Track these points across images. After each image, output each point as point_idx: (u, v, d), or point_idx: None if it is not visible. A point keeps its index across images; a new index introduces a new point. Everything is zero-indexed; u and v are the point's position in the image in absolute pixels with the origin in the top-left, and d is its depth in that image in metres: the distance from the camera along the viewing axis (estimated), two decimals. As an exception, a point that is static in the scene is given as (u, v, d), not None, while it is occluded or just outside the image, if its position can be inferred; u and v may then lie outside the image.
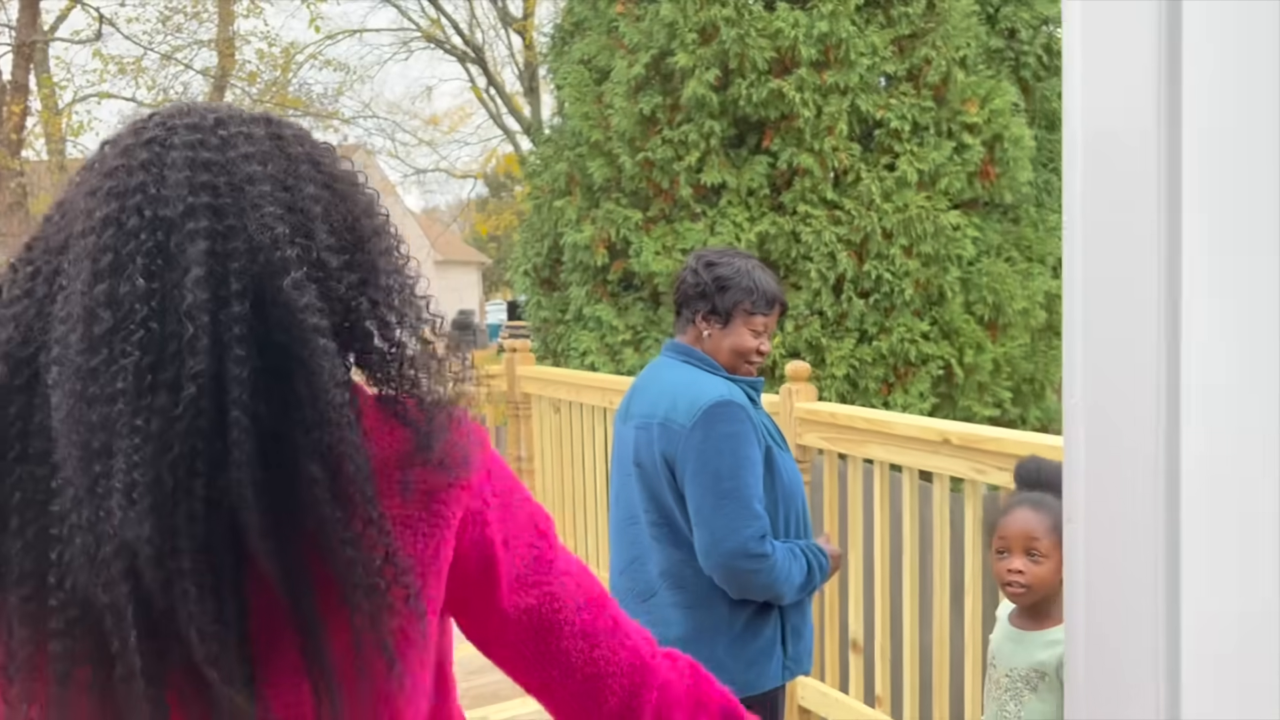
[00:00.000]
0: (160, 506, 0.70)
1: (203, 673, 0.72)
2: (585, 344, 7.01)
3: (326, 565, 0.75)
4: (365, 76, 23.54)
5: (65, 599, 0.71)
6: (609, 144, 7.00)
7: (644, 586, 2.11)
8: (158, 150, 0.80)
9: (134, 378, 0.72)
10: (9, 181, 9.83)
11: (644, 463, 2.09)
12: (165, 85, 13.77)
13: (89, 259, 0.76)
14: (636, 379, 2.26)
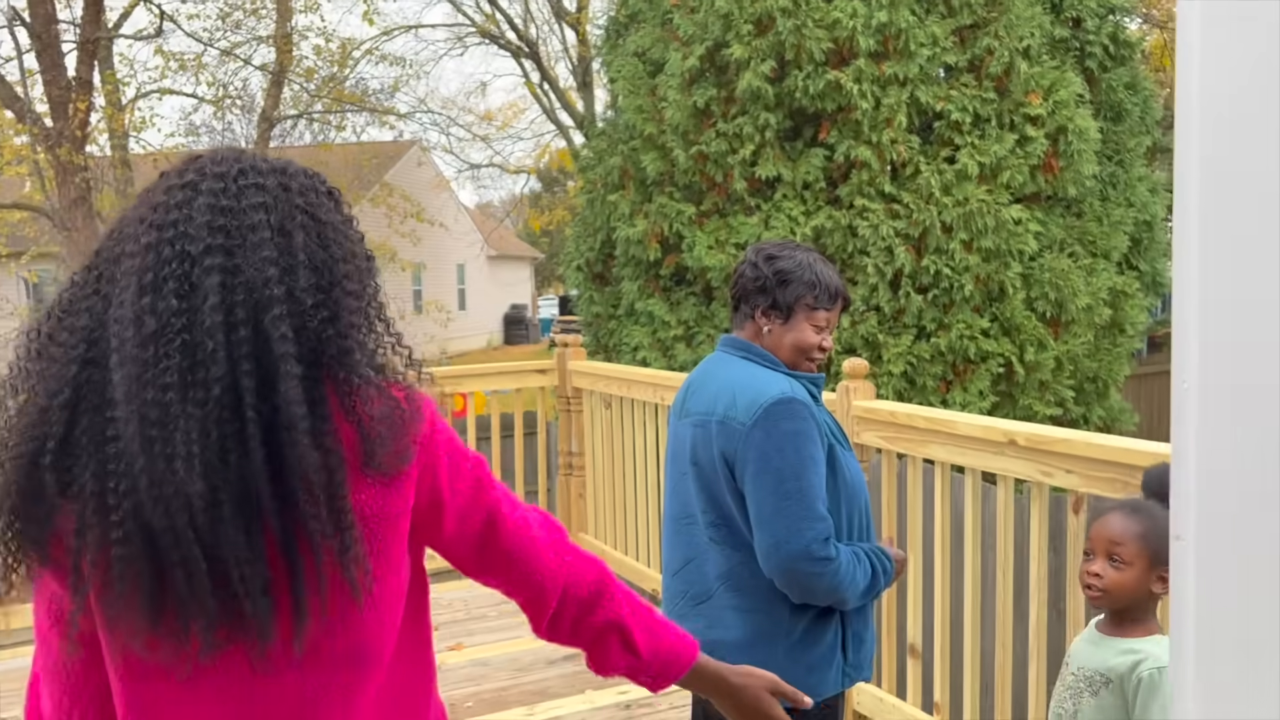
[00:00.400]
0: (210, 472, 1.00)
1: (234, 584, 1.01)
2: (637, 339, 6.96)
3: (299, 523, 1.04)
4: (421, 72, 23.71)
5: (124, 517, 1.00)
6: (662, 137, 6.94)
7: (700, 589, 2.05)
8: (190, 194, 1.06)
9: (178, 376, 1.01)
10: (74, 176, 10.03)
11: (701, 461, 2.03)
12: (225, 81, 13.98)
13: (135, 275, 1.04)
14: (691, 375, 2.19)
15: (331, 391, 1.08)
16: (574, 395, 5.39)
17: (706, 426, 2.02)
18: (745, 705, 1.41)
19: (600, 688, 3.86)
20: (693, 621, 2.02)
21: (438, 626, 4.55)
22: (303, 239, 1.09)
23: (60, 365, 1.04)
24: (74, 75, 10.07)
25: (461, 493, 1.21)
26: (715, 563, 2.02)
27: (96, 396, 1.03)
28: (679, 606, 2.09)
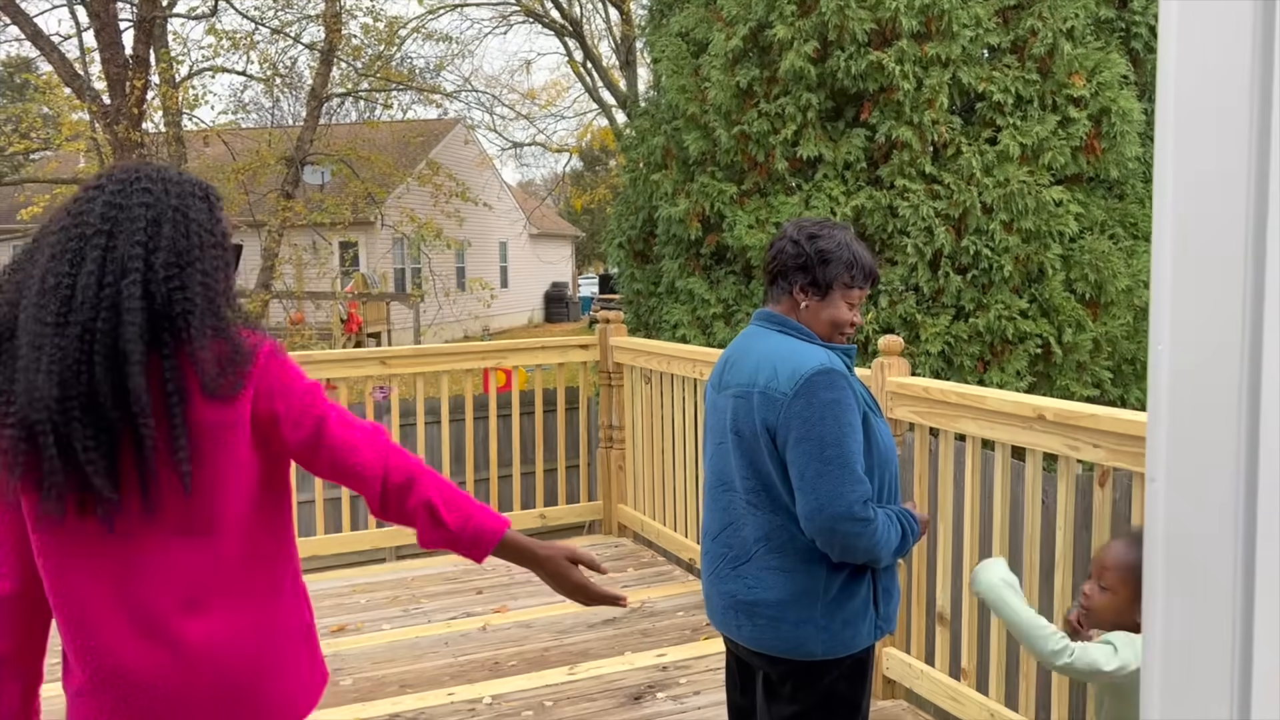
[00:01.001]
0: (64, 384, 1.44)
1: (82, 465, 1.46)
2: (677, 316, 7.07)
3: (135, 428, 1.48)
4: (466, 51, 23.83)
5: (13, 413, 1.45)
6: (705, 117, 7.01)
7: (739, 551, 2.15)
8: (96, 193, 1.54)
9: (54, 316, 1.46)
10: (130, 153, 10.28)
11: (743, 431, 2.11)
12: (274, 59, 14.20)
13: (49, 248, 1.52)
14: (729, 349, 2.28)
15: (185, 339, 1.51)
16: (615, 371, 5.53)
17: (748, 397, 2.11)
18: (552, 573, 1.80)
19: (638, 649, 4.01)
20: (734, 583, 2.13)
21: (482, 590, 4.73)
22: (169, 230, 1.54)
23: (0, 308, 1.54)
24: (131, 53, 10.31)
25: (293, 408, 1.61)
26: (754, 527, 2.12)
27: (11, 330, 1.50)
28: (720, 569, 2.18)
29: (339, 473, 1.66)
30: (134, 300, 1.48)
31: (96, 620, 1.54)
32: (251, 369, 1.57)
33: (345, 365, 5.16)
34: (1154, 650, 0.78)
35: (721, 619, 2.20)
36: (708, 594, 2.23)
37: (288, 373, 1.63)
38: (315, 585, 4.87)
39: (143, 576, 1.55)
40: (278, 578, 1.69)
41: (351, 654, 4.03)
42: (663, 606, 4.48)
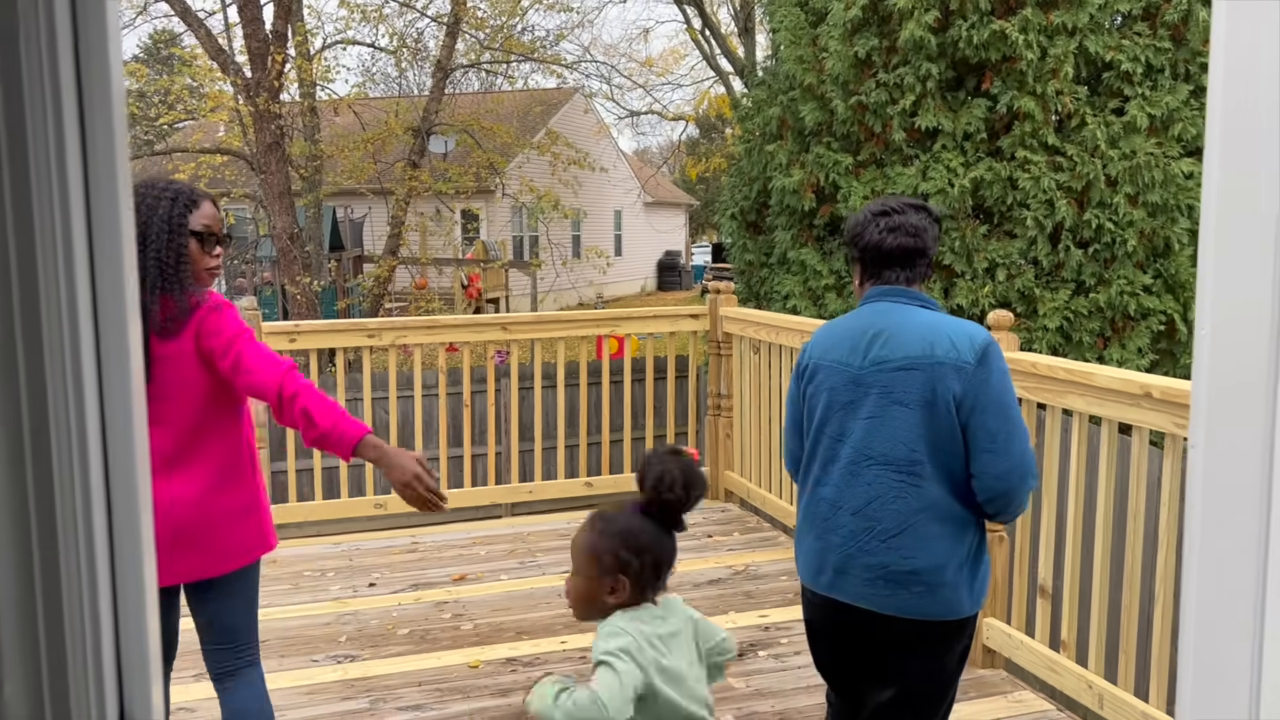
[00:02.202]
0: None
1: None
2: (788, 287, 7.12)
3: None
4: (586, 21, 24.05)
5: None
6: (822, 87, 7.01)
7: (891, 524, 2.15)
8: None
9: None
10: (269, 124, 10.83)
11: (909, 402, 2.14)
12: (401, 31, 14.65)
13: None
14: (862, 322, 2.25)
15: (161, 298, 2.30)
16: (724, 340, 5.64)
17: (924, 368, 2.13)
18: (395, 472, 2.34)
19: (742, 610, 4.15)
20: (885, 555, 2.15)
21: (593, 547, 4.94)
22: (139, 222, 2.29)
23: None
24: (271, 29, 10.81)
25: (220, 346, 2.32)
26: (915, 498, 2.14)
27: None
28: (864, 542, 2.17)
29: (250, 389, 2.36)
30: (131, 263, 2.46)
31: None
32: (190, 318, 2.33)
33: (468, 330, 5.41)
34: (1190, 581, 0.88)
35: (864, 591, 2.18)
36: (841, 567, 2.20)
37: (221, 321, 2.36)
38: (438, 537, 5.17)
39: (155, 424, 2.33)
40: (225, 462, 2.42)
41: (471, 601, 4.29)
42: (766, 570, 4.61)
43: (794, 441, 2.38)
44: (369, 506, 5.35)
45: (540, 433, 5.60)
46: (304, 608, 4.25)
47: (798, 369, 2.36)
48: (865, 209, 2.34)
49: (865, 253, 2.29)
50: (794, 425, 2.38)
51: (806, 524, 2.30)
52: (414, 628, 4.02)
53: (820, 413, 2.26)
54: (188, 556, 2.36)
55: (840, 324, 2.31)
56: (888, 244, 2.25)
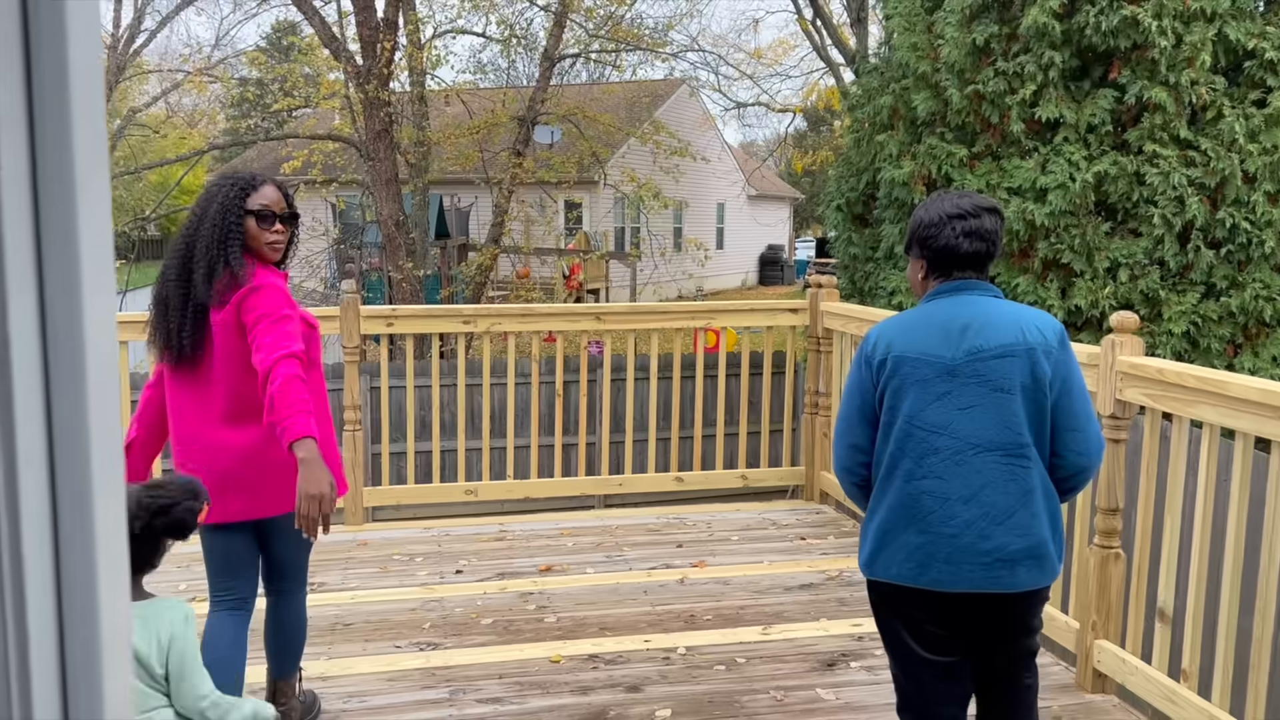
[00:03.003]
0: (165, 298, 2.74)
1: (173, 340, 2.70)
2: (894, 283, 6.88)
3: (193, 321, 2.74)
4: (695, 11, 23.86)
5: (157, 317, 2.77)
6: (937, 76, 6.73)
7: (1001, 508, 2.21)
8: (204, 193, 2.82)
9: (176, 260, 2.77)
10: (379, 111, 11.00)
11: (1011, 388, 2.21)
12: (511, 21, 14.74)
13: None
14: (947, 314, 2.25)
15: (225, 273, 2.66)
16: (824, 336, 5.46)
17: (1021, 355, 2.21)
18: (314, 479, 2.46)
19: (834, 617, 3.99)
20: (1000, 537, 2.20)
21: (682, 544, 4.84)
22: (200, 211, 2.73)
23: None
24: (382, 16, 10.97)
25: (249, 321, 2.61)
26: (1023, 480, 2.22)
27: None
28: (981, 528, 2.20)
29: (256, 365, 2.60)
30: (173, 255, 2.75)
31: (175, 426, 2.75)
32: (234, 294, 2.63)
33: (563, 319, 5.36)
34: None
35: (982, 576, 2.21)
36: (954, 558, 2.21)
37: (255, 300, 2.63)
38: (526, 526, 5.14)
39: (191, 403, 2.72)
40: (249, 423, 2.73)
41: (557, 593, 4.23)
42: (861, 578, 4.42)
43: (861, 434, 2.34)
44: (460, 493, 5.35)
45: (632, 424, 5.51)
46: (391, 592, 4.25)
47: (869, 362, 2.31)
48: (936, 207, 2.33)
49: (938, 254, 2.30)
50: (862, 418, 2.33)
51: (903, 520, 2.25)
52: (498, 618, 3.97)
53: (909, 405, 2.24)
54: (238, 498, 2.67)
55: (919, 316, 2.29)
56: (964, 249, 2.28)
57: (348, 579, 4.40)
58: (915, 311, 2.31)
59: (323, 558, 4.54)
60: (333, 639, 3.77)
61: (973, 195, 2.37)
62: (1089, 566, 3.37)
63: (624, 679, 3.45)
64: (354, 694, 3.34)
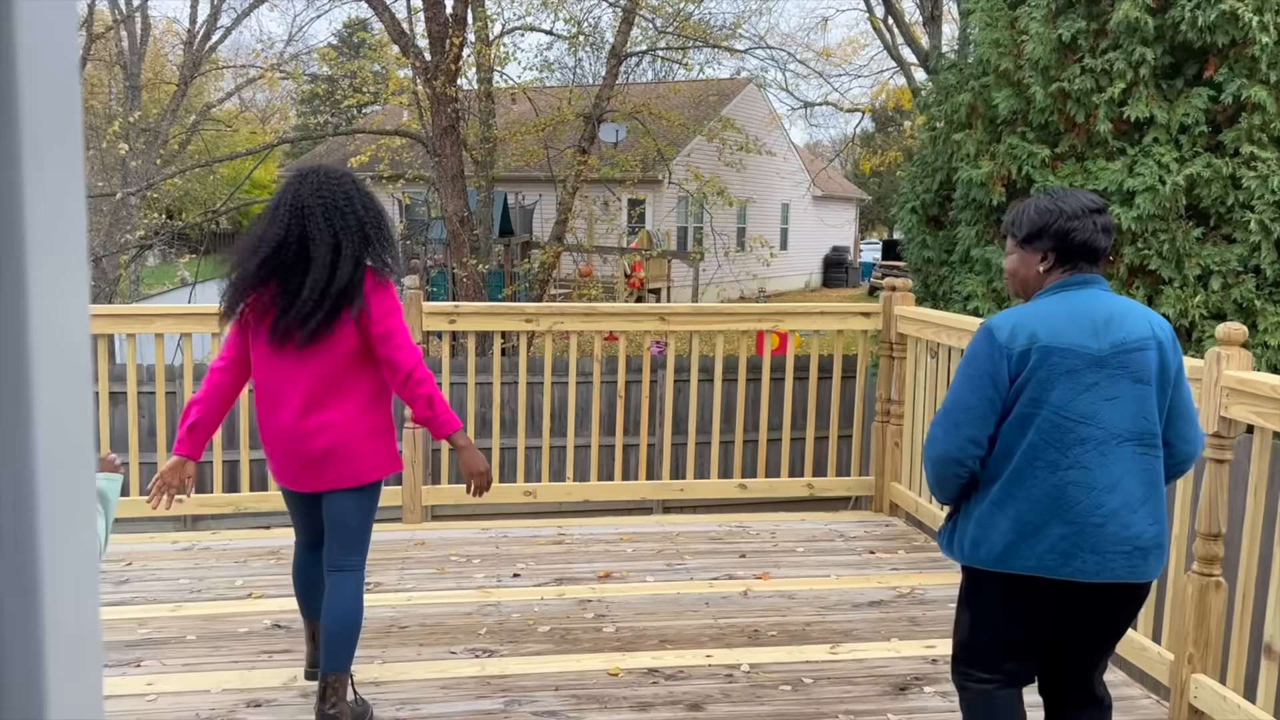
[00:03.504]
0: (293, 285, 2.86)
1: (293, 323, 2.82)
2: (970, 287, 6.62)
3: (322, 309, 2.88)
4: (764, 9, 23.58)
5: (234, 295, 2.93)
6: (1019, 73, 6.47)
7: (1133, 497, 2.27)
8: (299, 181, 2.92)
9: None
10: (446, 107, 10.98)
11: (1152, 379, 2.29)
12: (579, 18, 14.66)
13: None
14: (1093, 307, 2.30)
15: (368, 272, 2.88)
16: (898, 341, 5.26)
17: (1155, 348, 2.30)
18: (476, 459, 3.05)
19: (906, 638, 3.80)
20: (1135, 527, 2.26)
21: (745, 554, 4.68)
22: (346, 201, 2.88)
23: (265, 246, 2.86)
24: (451, 12, 10.95)
25: (378, 313, 2.85)
26: (1153, 470, 2.29)
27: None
28: (1124, 517, 2.25)
29: (389, 360, 2.89)
30: (321, 245, 2.89)
31: (269, 398, 2.92)
32: (367, 287, 2.88)
33: (626, 319, 5.23)
34: None
35: (1124, 565, 2.26)
36: (1099, 547, 2.24)
37: (385, 295, 2.90)
38: (585, 529, 5.02)
39: (289, 385, 2.89)
40: (366, 397, 2.93)
41: (615, 601, 4.10)
42: (935, 595, 4.23)
43: (985, 426, 2.29)
44: (519, 493, 5.25)
45: (694, 427, 5.35)
46: (447, 594, 4.16)
47: (1006, 352, 2.27)
48: (1075, 201, 2.34)
49: (1077, 248, 2.32)
50: (991, 409, 2.28)
51: (1048, 511, 2.24)
52: (555, 625, 3.86)
53: (1057, 395, 2.24)
54: (334, 470, 2.90)
55: (1058, 307, 2.30)
56: (1101, 244, 2.33)
57: (404, 579, 4.32)
58: (1050, 303, 2.30)
59: (379, 557, 4.47)
60: (387, 642, 3.68)
61: (1082, 193, 2.38)
62: (1186, 594, 3.14)
63: (685, 696, 3.31)
64: (407, 701, 3.24)
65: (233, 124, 23.37)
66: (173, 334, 4.98)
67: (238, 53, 24.60)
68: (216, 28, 18.45)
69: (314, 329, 2.80)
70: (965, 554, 2.34)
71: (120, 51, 18.32)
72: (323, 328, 2.80)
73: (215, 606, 4.00)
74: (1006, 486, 2.27)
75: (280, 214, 2.83)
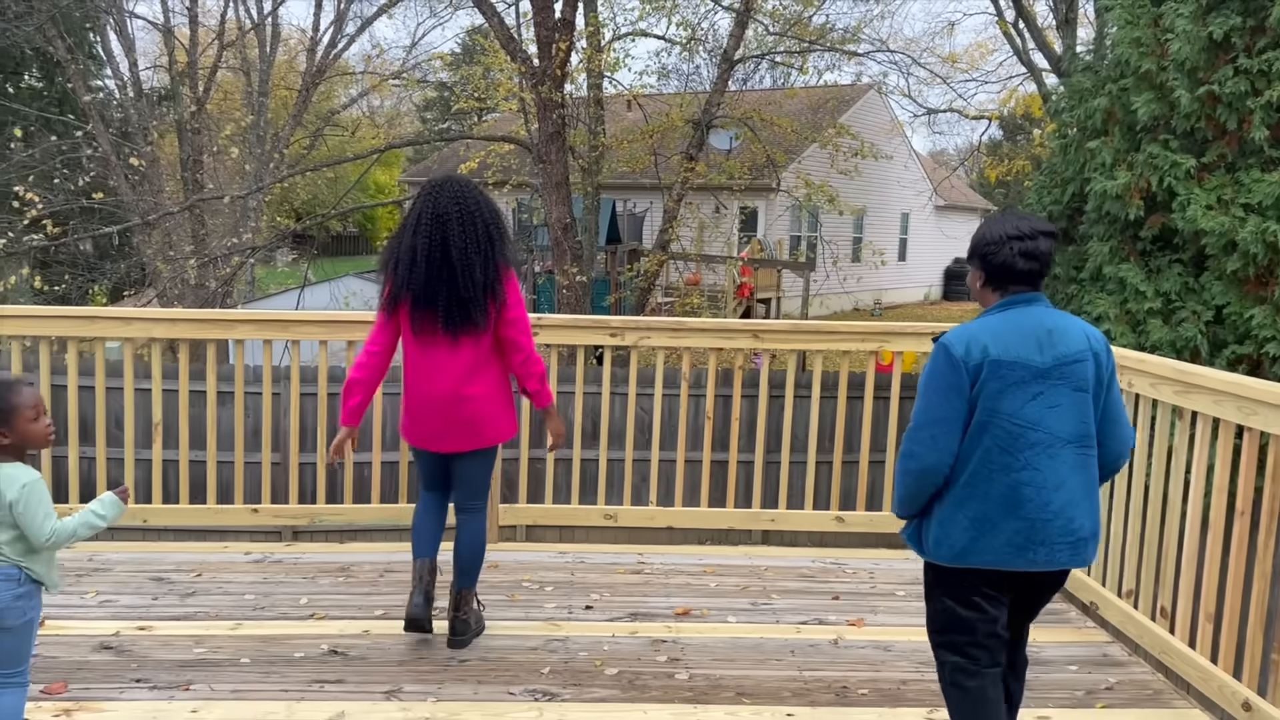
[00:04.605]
0: (430, 280, 3.47)
1: (439, 313, 3.45)
2: (1101, 308, 6.06)
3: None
4: (886, 12, 22.91)
5: (395, 291, 3.54)
6: (1162, 75, 5.89)
7: (1079, 493, 2.54)
8: (436, 193, 3.53)
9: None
10: (552, 113, 10.84)
11: (1089, 387, 2.53)
12: (693, 23, 14.39)
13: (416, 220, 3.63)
14: (1037, 322, 2.54)
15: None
16: (1019, 366, 4.78)
17: (1091, 359, 2.54)
18: (560, 426, 3.77)
19: (1026, 705, 3.36)
20: (1076, 521, 2.52)
21: (839, 596, 4.30)
22: (480, 211, 3.50)
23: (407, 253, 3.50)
24: (560, 16, 10.81)
25: (510, 301, 3.48)
26: (1090, 469, 2.55)
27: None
28: (1069, 513, 2.51)
29: (513, 342, 3.51)
30: (472, 248, 3.47)
31: (423, 376, 3.47)
32: (501, 284, 3.47)
33: (718, 335, 4.89)
34: None
35: (1068, 555, 2.54)
36: (1047, 539, 2.50)
37: (514, 287, 3.49)
38: (667, 558, 4.71)
39: (442, 364, 3.45)
40: (499, 374, 3.55)
41: (692, 644, 3.77)
42: (1050, 655, 3.76)
43: (956, 437, 2.49)
44: (599, 516, 4.97)
45: (789, 446, 4.99)
46: (514, 625, 3.90)
47: (964, 365, 2.49)
48: (999, 227, 2.59)
49: (995, 270, 2.59)
50: (960, 420, 2.49)
51: (1003, 509, 2.49)
52: (624, 667, 3.55)
53: (1008, 405, 2.47)
54: (472, 436, 3.53)
55: (1005, 323, 2.54)
56: (1019, 267, 2.56)
57: (471, 606, 4.09)
58: (997, 319, 2.55)
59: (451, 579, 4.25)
60: (444, 677, 3.45)
61: (1033, 219, 2.60)
62: None
63: (758, 763, 2.96)
64: (454, 749, 2.98)
65: (355, 129, 23.89)
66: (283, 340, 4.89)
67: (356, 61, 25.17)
68: (342, 35, 18.86)
69: (468, 318, 3.41)
70: (930, 551, 2.59)
71: (244, 60, 18.88)
72: (476, 317, 3.41)
73: (275, 627, 3.84)
74: (966, 488, 2.50)
75: (424, 223, 3.41)
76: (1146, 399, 3.75)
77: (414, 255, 3.39)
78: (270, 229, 15.34)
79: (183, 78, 17.46)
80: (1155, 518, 3.71)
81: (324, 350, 4.85)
